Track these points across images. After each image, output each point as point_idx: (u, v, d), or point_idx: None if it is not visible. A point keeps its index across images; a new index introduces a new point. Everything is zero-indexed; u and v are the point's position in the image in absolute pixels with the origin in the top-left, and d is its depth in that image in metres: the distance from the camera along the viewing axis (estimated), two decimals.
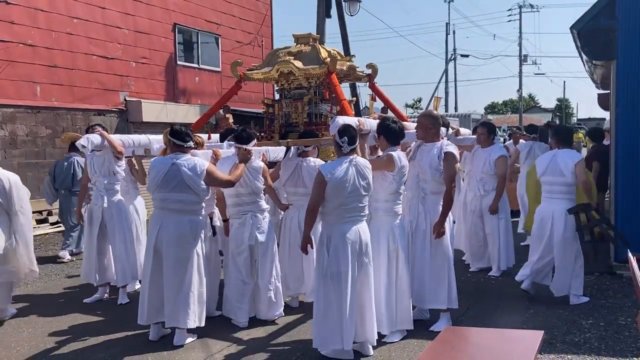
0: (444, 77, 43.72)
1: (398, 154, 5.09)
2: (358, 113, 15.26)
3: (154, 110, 14.82)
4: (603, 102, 11.18)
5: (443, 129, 5.81)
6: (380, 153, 5.39)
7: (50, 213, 12.06)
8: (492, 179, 7.22)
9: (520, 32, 47.86)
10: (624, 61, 6.93)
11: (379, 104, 9.66)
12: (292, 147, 6.02)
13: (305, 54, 7.91)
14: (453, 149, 5.41)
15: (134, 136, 6.75)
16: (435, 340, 3.51)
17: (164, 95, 15.88)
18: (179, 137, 5.10)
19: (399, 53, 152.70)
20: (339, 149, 4.68)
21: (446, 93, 43.36)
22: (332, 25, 15.95)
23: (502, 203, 7.25)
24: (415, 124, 5.82)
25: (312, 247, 4.83)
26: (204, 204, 5.28)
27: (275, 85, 8.37)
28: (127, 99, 14.67)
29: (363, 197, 4.66)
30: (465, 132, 8.20)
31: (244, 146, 5.48)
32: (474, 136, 7.64)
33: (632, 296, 6.10)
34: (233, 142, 5.70)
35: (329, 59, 7.58)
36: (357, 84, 15.41)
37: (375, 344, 4.75)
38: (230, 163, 5.53)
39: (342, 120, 5.13)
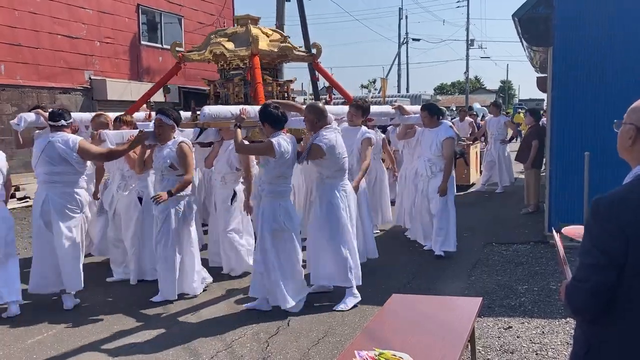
0: (397, 59, 43.93)
1: (279, 140, 4.87)
2: (316, 93, 15.15)
3: (118, 88, 14.48)
4: (541, 85, 11.40)
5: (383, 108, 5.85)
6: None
7: (17, 189, 11.71)
8: (440, 160, 6.73)
9: (468, 18, 48.07)
10: (560, 48, 7.06)
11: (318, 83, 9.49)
12: (208, 129, 5.87)
13: (239, 36, 7.57)
14: (371, 135, 5.70)
15: (74, 114, 6.91)
16: (382, 308, 3.57)
17: (128, 74, 15.51)
18: (52, 118, 5.33)
19: (355, 36, 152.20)
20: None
21: (398, 75, 43.56)
22: (293, 8, 15.68)
23: (449, 183, 6.75)
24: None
25: None
26: (85, 174, 5.44)
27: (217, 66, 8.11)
28: (91, 77, 14.27)
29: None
30: (414, 109, 7.72)
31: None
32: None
33: None
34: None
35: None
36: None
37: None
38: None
39: (208, 110, 5.17)
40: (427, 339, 3.09)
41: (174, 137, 5.36)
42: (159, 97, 9.70)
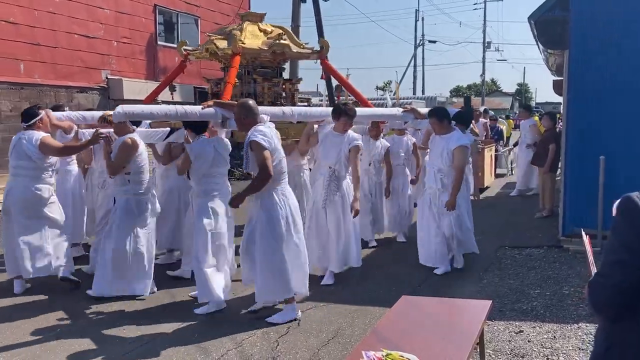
0: (413, 61, 43.90)
1: (192, 145, 5.15)
2: (331, 93, 15.14)
3: (134, 88, 14.58)
4: (557, 88, 11.30)
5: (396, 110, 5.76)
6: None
7: None
8: (451, 172, 6.05)
9: (485, 20, 47.95)
10: (576, 50, 7.00)
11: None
12: (180, 129, 5.79)
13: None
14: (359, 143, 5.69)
15: (85, 112, 7.15)
16: (391, 310, 3.57)
17: (145, 74, 15.62)
18: (23, 118, 5.67)
19: (371, 38, 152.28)
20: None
21: (414, 77, 43.58)
22: (310, 9, 15.67)
23: (463, 194, 6.26)
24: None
25: None
26: (50, 171, 5.60)
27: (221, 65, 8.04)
28: (108, 77, 14.41)
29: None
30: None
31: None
32: None
33: (576, 268, 6.27)
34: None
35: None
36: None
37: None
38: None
39: (121, 109, 4.93)
40: (435, 340, 3.09)
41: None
42: (168, 96, 9.76)
